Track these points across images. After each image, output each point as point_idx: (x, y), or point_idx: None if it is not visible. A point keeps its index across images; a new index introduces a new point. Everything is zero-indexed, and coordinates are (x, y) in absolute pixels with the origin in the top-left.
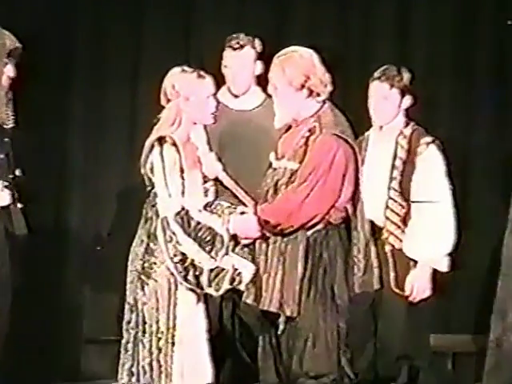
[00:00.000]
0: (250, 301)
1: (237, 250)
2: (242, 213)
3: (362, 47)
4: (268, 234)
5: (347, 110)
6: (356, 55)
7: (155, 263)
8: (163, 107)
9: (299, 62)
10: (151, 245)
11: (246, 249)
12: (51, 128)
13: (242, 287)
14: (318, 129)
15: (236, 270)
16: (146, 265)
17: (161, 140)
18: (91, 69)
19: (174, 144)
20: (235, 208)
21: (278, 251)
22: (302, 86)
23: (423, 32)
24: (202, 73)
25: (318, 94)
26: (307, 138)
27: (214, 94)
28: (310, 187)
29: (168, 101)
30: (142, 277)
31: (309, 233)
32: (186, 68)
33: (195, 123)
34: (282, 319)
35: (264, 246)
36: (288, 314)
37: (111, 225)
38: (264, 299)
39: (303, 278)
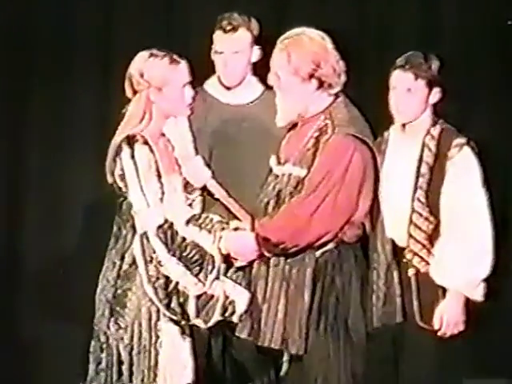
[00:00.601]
0: (244, 335)
1: (229, 273)
2: (237, 229)
3: (380, 29)
4: (268, 255)
5: (363, 104)
6: (374, 38)
7: (130, 289)
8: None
9: (308, 47)
10: (125, 267)
11: (240, 272)
12: (3, 131)
13: (234, 319)
14: (330, 127)
15: (228, 297)
16: (119, 292)
17: (129, 140)
18: (51, 58)
19: (146, 143)
20: (228, 223)
21: (281, 276)
22: (311, 76)
23: (454, 10)
24: (175, 57)
25: (330, 86)
26: (317, 139)
27: (191, 82)
28: (320, 198)
29: (135, 92)
30: (115, 307)
31: (318, 253)
32: (155, 52)
33: (168, 117)
34: (285, 358)
35: (263, 268)
36: (293, 351)
37: (75, 244)
38: (263, 334)
39: (311, 309)
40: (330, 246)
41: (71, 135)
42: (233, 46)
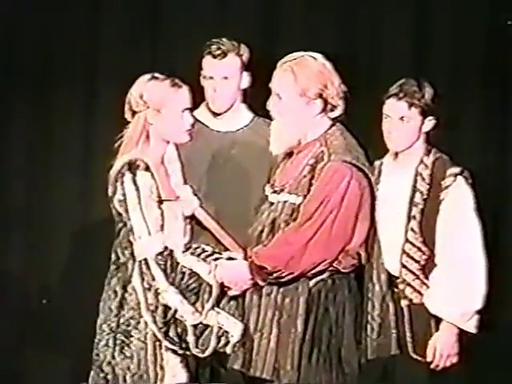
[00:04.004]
0: (237, 366)
1: (222, 303)
2: (230, 258)
3: (372, 56)
4: (262, 283)
5: (355, 133)
6: (365, 66)
7: (133, 318)
8: (125, 124)
9: (314, 67)
10: (127, 296)
11: (233, 302)
12: None
13: (228, 350)
14: (326, 154)
15: (221, 328)
16: (121, 321)
17: (131, 165)
18: (37, 83)
19: (148, 169)
20: (221, 253)
21: (274, 305)
22: (318, 96)
23: (447, 36)
24: (176, 81)
25: (333, 109)
26: (313, 166)
27: (191, 109)
28: (315, 226)
29: (133, 114)
30: (119, 337)
31: (311, 283)
32: (156, 75)
33: (167, 142)
34: None
35: (256, 298)
36: (285, 382)
37: (61, 272)
38: (255, 364)
39: (304, 339)
40: (325, 275)
41: (57, 160)
42: (222, 71)
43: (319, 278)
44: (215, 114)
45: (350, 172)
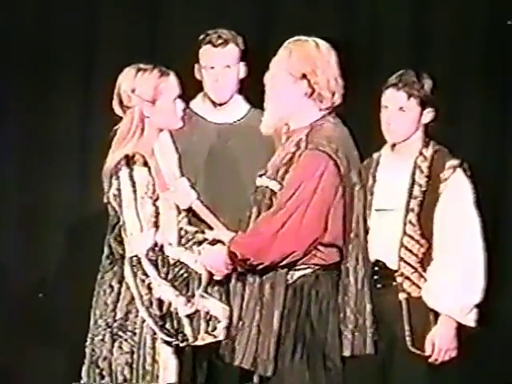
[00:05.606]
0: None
1: (209, 289)
2: (214, 240)
3: (371, 48)
4: (240, 270)
5: (352, 124)
6: (364, 57)
7: (130, 312)
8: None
9: (311, 51)
10: (122, 290)
11: (219, 288)
12: None
13: (216, 334)
14: (304, 142)
15: (208, 313)
16: (118, 316)
17: (129, 160)
18: (33, 78)
19: (146, 164)
20: (203, 232)
21: (257, 293)
22: (303, 77)
23: (447, 36)
24: (163, 69)
25: (321, 98)
26: (293, 154)
27: (180, 96)
28: (286, 216)
29: (124, 109)
30: (117, 331)
31: (295, 277)
32: (142, 66)
33: (160, 131)
34: (255, 379)
35: (239, 285)
36: (261, 372)
37: (56, 267)
38: (236, 353)
39: (282, 331)
40: (308, 270)
41: (52, 153)
42: (224, 60)
43: (302, 272)
44: (215, 105)
45: (324, 161)
